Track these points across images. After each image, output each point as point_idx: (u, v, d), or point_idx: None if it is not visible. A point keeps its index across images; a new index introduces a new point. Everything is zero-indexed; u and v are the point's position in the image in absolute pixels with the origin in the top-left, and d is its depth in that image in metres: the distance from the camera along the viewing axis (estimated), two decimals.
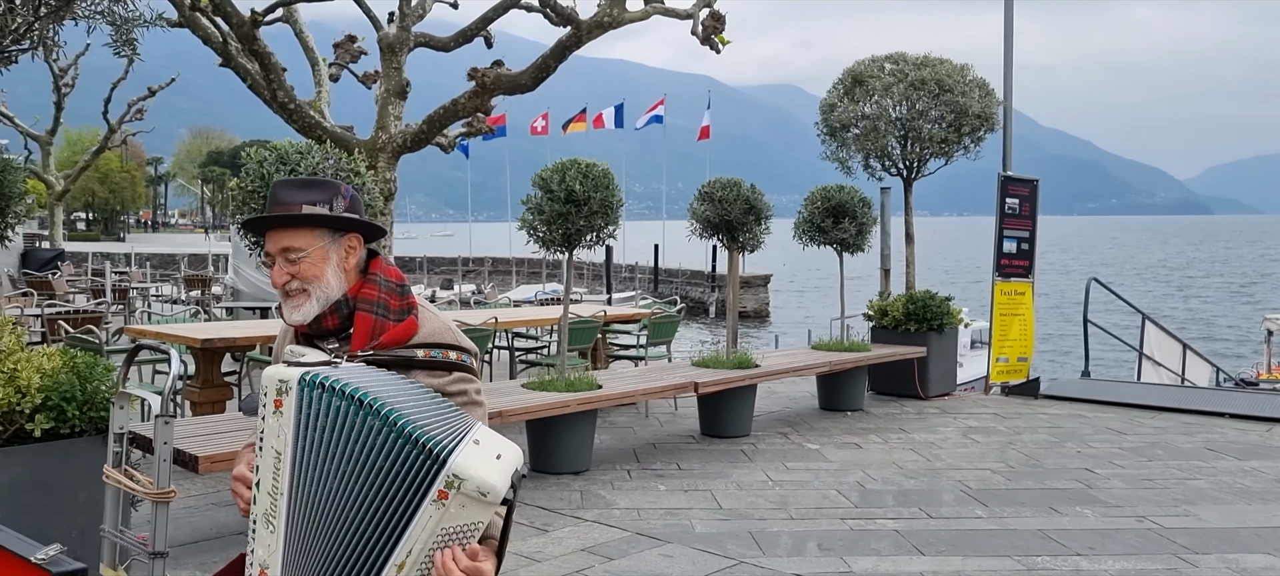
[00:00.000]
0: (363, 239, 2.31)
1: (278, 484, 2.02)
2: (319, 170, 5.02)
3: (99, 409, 4.22)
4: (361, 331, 2.24)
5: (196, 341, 6.61)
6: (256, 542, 2.05)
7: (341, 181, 5.01)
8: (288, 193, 2.21)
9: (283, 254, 2.20)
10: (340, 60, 14.90)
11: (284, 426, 2.00)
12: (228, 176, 58.88)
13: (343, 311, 2.25)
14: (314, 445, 1.97)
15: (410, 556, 1.91)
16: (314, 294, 2.22)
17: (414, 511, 1.90)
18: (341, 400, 1.94)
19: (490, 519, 1.96)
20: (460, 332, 2.35)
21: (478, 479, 1.88)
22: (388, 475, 1.91)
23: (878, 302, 9.96)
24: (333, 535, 1.97)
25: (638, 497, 6.02)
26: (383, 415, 1.91)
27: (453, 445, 1.90)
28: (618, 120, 47.00)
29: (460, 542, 1.92)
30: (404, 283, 2.36)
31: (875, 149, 10.15)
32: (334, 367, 2.06)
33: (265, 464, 2.04)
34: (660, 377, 7.46)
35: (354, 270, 2.28)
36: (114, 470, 2.83)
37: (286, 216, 2.18)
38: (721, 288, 38.76)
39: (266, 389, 2.04)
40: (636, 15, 10.76)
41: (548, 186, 6.44)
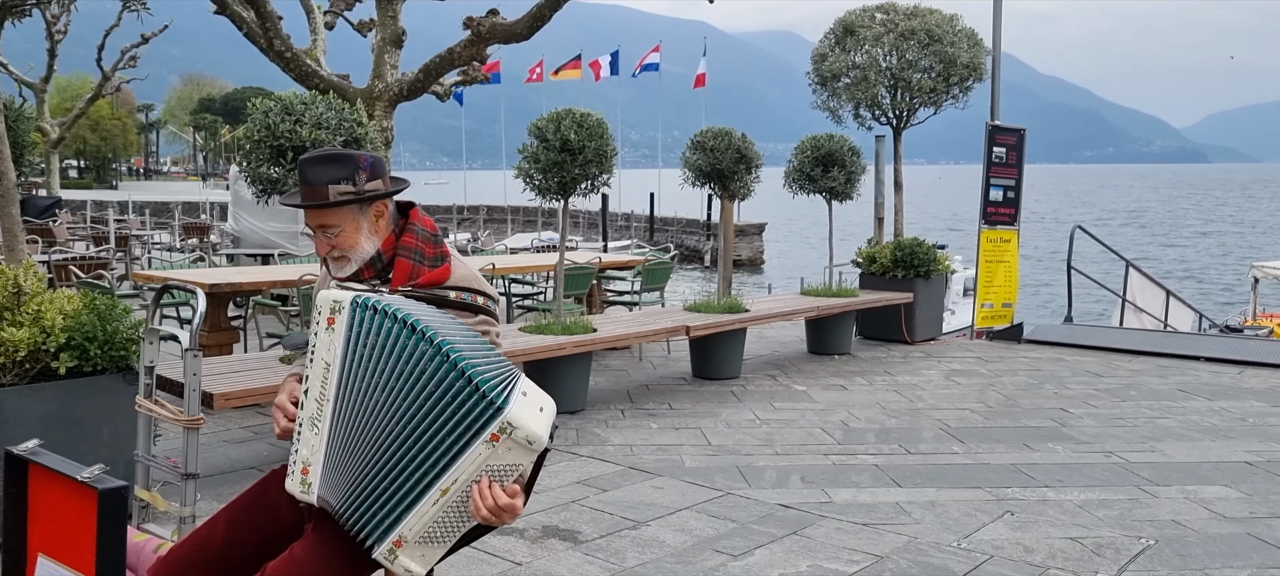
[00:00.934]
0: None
1: (325, 392, 2.25)
2: (323, 120, 5.21)
3: (118, 348, 4.45)
4: (401, 274, 2.52)
5: (205, 286, 6.82)
6: (301, 443, 2.29)
7: (359, 147, 5.22)
8: (314, 172, 2.47)
9: (320, 229, 2.49)
10: (335, 8, 14.95)
11: (335, 341, 2.23)
12: (220, 123, 58.65)
13: (378, 264, 2.52)
14: (363, 360, 2.20)
15: (455, 485, 2.15)
16: (352, 258, 2.50)
17: (466, 447, 2.13)
18: (392, 322, 2.18)
19: (528, 465, 2.21)
20: (486, 281, 2.63)
21: (528, 429, 2.12)
22: (442, 406, 2.14)
23: (867, 249, 10.19)
24: (377, 445, 2.20)
25: (631, 435, 6.30)
26: (435, 343, 2.14)
27: (507, 392, 2.14)
28: (613, 67, 46.81)
29: (501, 478, 2.18)
30: (438, 232, 2.63)
31: (865, 98, 10.32)
32: (380, 294, 2.31)
33: (314, 373, 2.28)
34: (653, 321, 7.72)
35: (386, 226, 2.55)
36: (145, 399, 3.08)
37: (318, 203, 2.46)
38: (717, 236, 39.00)
39: (320, 308, 2.27)
40: None
41: (543, 135, 6.63)
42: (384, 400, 2.19)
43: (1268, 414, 6.97)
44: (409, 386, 2.16)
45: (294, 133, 5.10)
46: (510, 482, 2.19)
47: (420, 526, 2.20)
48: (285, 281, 7.12)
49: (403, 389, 2.17)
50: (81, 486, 2.75)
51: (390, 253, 2.54)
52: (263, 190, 5.30)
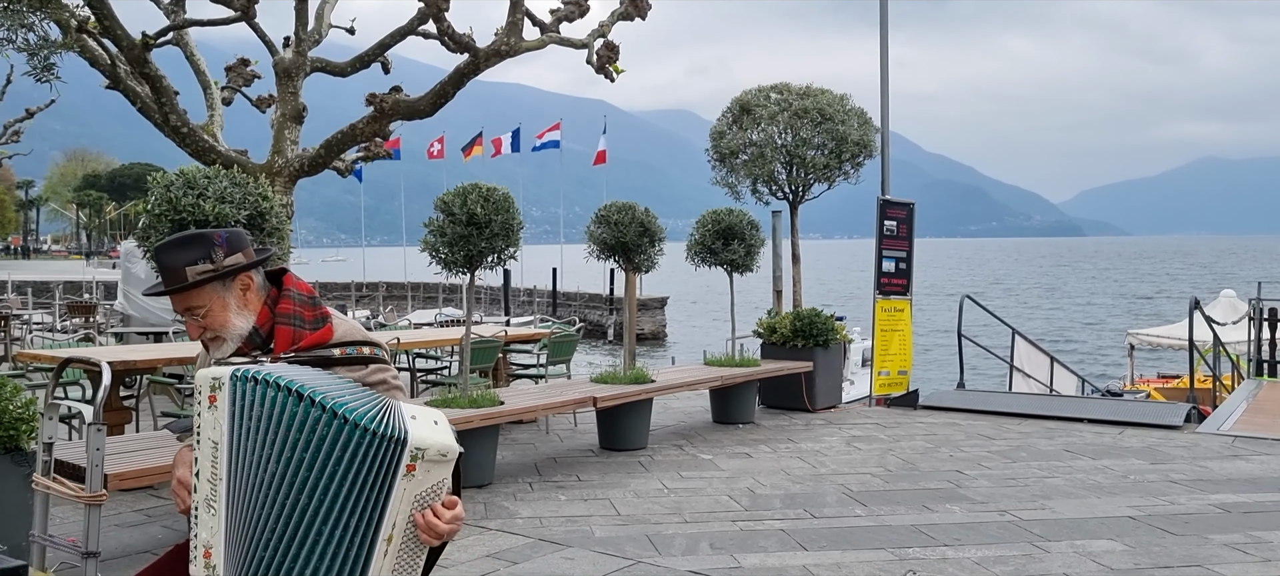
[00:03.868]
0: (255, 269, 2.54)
1: (216, 470, 2.23)
2: (227, 194, 5.16)
3: (6, 428, 4.29)
4: (282, 341, 2.49)
5: (97, 365, 6.60)
6: (199, 526, 2.26)
7: (263, 221, 5.17)
8: (170, 257, 2.44)
9: (187, 313, 2.47)
10: (233, 83, 14.79)
11: (219, 418, 2.21)
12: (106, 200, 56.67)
13: (257, 338, 2.49)
14: (251, 433, 2.19)
15: (395, 527, 2.19)
16: (226, 336, 2.46)
17: (390, 489, 2.17)
18: (276, 391, 2.17)
19: (449, 474, 2.26)
20: (368, 332, 2.64)
21: (437, 444, 2.18)
22: (350, 462, 2.15)
23: (767, 320, 10.43)
24: (287, 517, 2.18)
25: (539, 507, 6.28)
26: (323, 405, 2.15)
27: (401, 424, 2.18)
28: (514, 144, 47.05)
29: (433, 499, 2.22)
30: (314, 294, 2.62)
31: (762, 174, 10.66)
32: (259, 364, 2.31)
33: (203, 454, 2.26)
34: (560, 393, 7.74)
35: (256, 298, 2.51)
36: (44, 477, 2.99)
37: (178, 286, 2.43)
38: (619, 310, 39.20)
39: (199, 388, 2.25)
40: (533, 44, 11.08)
41: (450, 209, 6.67)
42: (280, 471, 2.17)
43: (1147, 471, 7.35)
44: (307, 453, 2.16)
45: (197, 207, 5.04)
46: (441, 499, 2.24)
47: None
48: (181, 359, 6.93)
49: (300, 456, 2.16)
50: None
51: (267, 324, 2.50)
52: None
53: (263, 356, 2.49)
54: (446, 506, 2.24)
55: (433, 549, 2.33)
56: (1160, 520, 5.93)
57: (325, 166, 12.75)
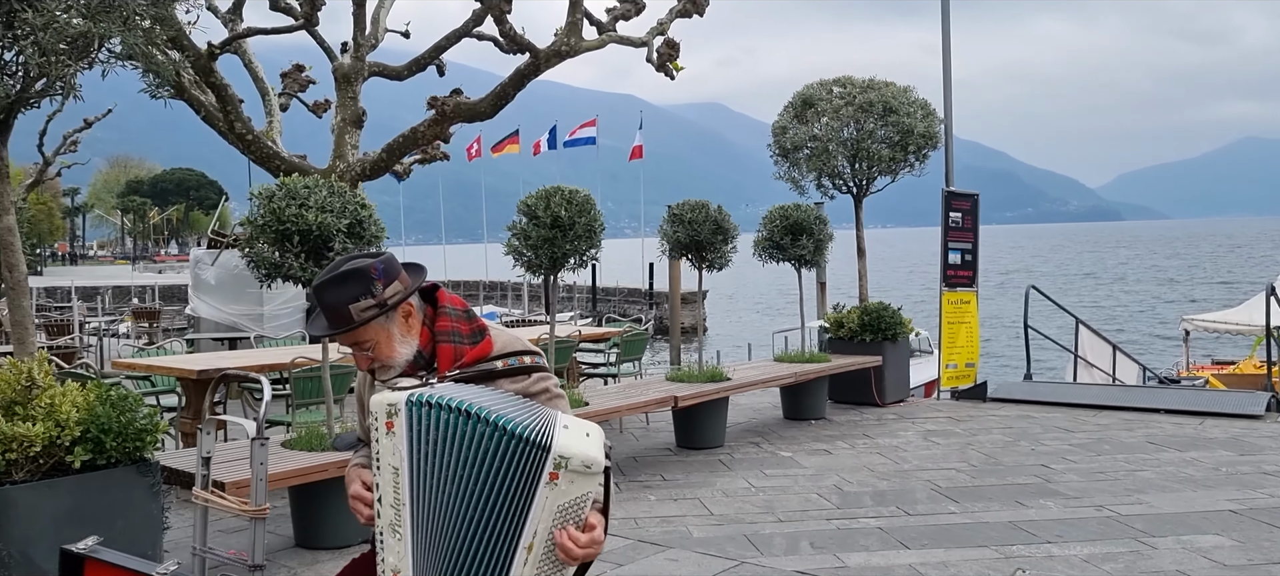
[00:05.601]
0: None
1: (399, 496, 2.26)
2: (327, 204, 5.22)
3: (133, 440, 4.37)
4: (445, 359, 2.49)
5: (192, 373, 6.73)
6: (386, 551, 2.30)
7: (361, 229, 5.22)
8: (331, 295, 2.41)
9: (356, 347, 2.47)
10: (289, 90, 14.95)
11: (398, 444, 2.24)
12: (149, 205, 57.34)
13: (421, 360, 2.50)
14: (428, 456, 2.22)
15: (536, 537, 2.19)
16: (393, 364, 2.46)
17: (532, 496, 2.17)
18: (447, 412, 2.20)
19: (596, 488, 2.23)
20: (527, 341, 2.65)
21: (581, 455, 2.17)
22: (503, 470, 2.18)
23: (834, 315, 10.39)
24: (458, 532, 2.23)
25: (631, 508, 6.30)
26: (487, 419, 2.18)
27: (551, 432, 2.19)
28: (551, 142, 47.18)
29: (576, 513, 2.21)
30: (469, 308, 2.63)
31: (826, 168, 10.61)
32: (431, 387, 2.32)
33: (384, 480, 2.28)
34: (641, 393, 7.76)
35: (417, 321, 2.51)
36: (202, 490, 3.04)
37: (346, 327, 2.41)
38: (658, 305, 39.19)
39: (376, 414, 2.28)
40: (593, 44, 11.10)
41: (533, 213, 6.71)
42: (455, 490, 2.21)
43: (1238, 462, 7.24)
44: (474, 467, 2.19)
45: (300, 217, 5.10)
46: (587, 513, 2.22)
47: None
48: (275, 364, 7.03)
49: (470, 471, 2.20)
50: None
51: (429, 344, 2.51)
52: (266, 275, 5.26)
53: (428, 375, 2.50)
54: (586, 530, 2.21)
55: (575, 571, 2.30)
56: (1264, 514, 5.85)
57: (386, 170, 12.86)
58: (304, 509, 5.49)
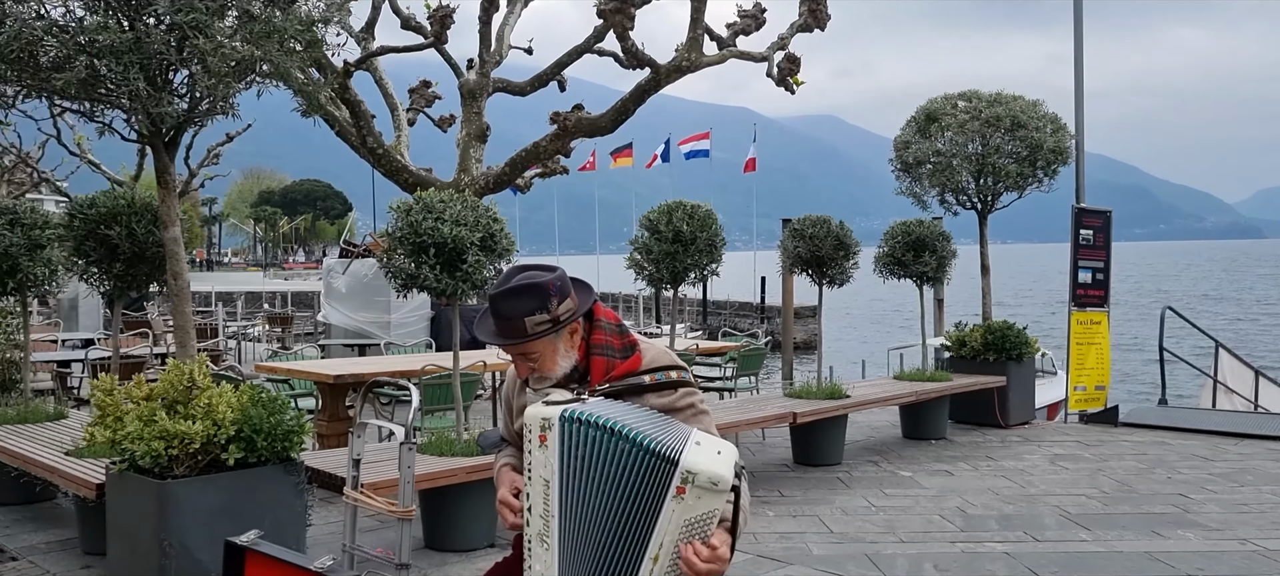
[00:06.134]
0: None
1: (548, 507, 2.35)
2: (462, 217, 5.41)
3: (282, 440, 4.61)
4: (597, 372, 2.58)
5: (329, 377, 7.04)
6: (533, 559, 2.39)
7: (494, 243, 5.39)
8: (507, 306, 2.51)
9: (521, 357, 2.57)
10: (416, 105, 15.47)
11: (549, 458, 2.33)
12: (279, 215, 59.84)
13: (575, 373, 2.59)
14: (576, 471, 2.31)
15: (662, 549, 2.25)
16: (552, 376, 2.56)
17: (659, 509, 2.24)
18: (594, 429, 2.28)
19: (722, 505, 2.27)
20: (675, 356, 2.71)
21: (708, 471, 2.21)
22: (635, 483, 2.25)
23: (956, 333, 10.18)
24: (596, 543, 2.31)
25: (750, 523, 6.30)
26: (625, 435, 2.26)
27: (681, 448, 2.25)
28: (665, 155, 47.40)
29: (702, 529, 2.25)
30: (622, 323, 2.71)
31: (949, 184, 10.41)
32: (582, 403, 2.40)
33: (535, 490, 2.38)
34: (759, 409, 7.76)
35: (579, 337, 2.60)
36: (353, 492, 3.20)
37: (518, 339, 2.51)
38: (770, 319, 38.89)
39: (530, 426, 2.38)
40: (713, 59, 11.17)
41: (655, 227, 6.81)
42: (597, 503, 2.29)
43: None
44: (611, 481, 2.27)
45: (436, 230, 5.30)
46: (713, 531, 2.25)
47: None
48: (407, 371, 7.29)
49: (607, 486, 2.27)
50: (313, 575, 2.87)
51: (584, 356, 2.59)
52: (402, 285, 5.49)
53: (579, 387, 2.58)
54: (709, 547, 2.24)
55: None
56: None
57: (509, 184, 13.21)
58: (434, 511, 5.67)
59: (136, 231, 5.68)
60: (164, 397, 4.53)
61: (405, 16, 12.96)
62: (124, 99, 4.51)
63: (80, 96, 4.25)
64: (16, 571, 5.37)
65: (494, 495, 2.84)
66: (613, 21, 10.43)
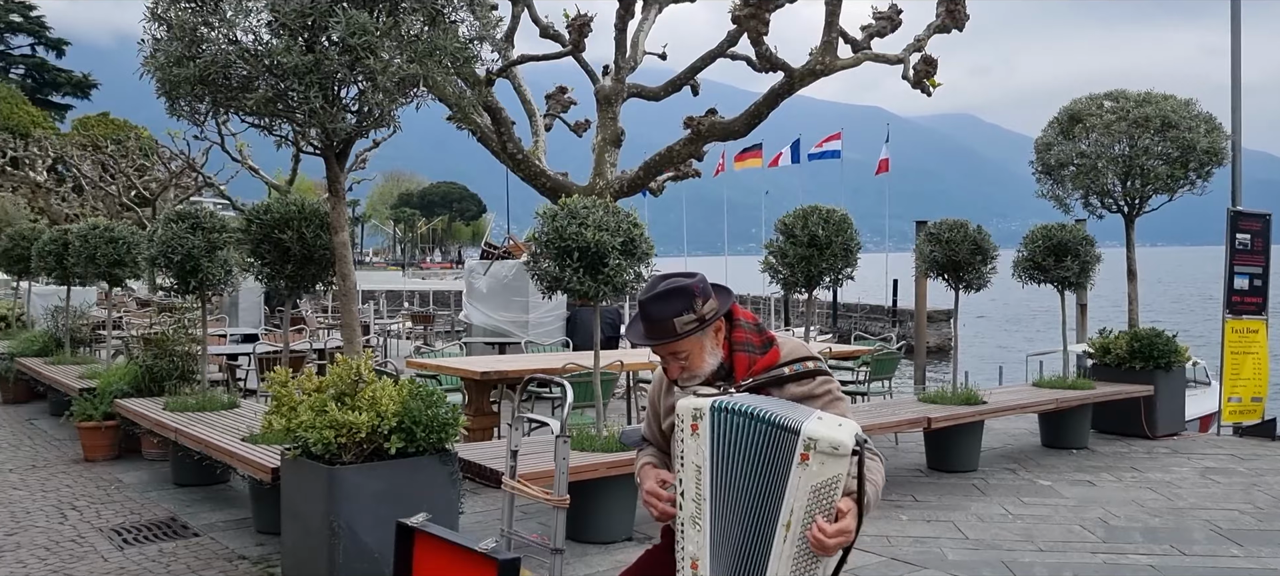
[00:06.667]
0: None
1: (700, 491, 2.55)
2: (604, 223, 5.63)
3: (438, 431, 4.92)
4: (741, 368, 2.80)
5: (475, 374, 7.40)
6: (685, 540, 2.58)
7: (634, 248, 5.60)
8: (657, 309, 2.74)
9: (671, 356, 2.78)
10: (552, 110, 15.91)
11: (701, 444, 2.54)
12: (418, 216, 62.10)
13: (721, 370, 2.80)
14: (725, 456, 2.52)
15: (793, 514, 2.43)
16: (699, 374, 2.78)
17: (786, 477, 2.43)
18: (739, 416, 2.50)
19: (845, 473, 2.43)
20: (810, 348, 2.89)
21: (828, 437, 2.40)
22: (766, 457, 2.46)
23: (1100, 339, 9.89)
24: (739, 519, 2.51)
25: (882, 526, 6.34)
26: (760, 417, 2.47)
27: (804, 420, 2.44)
28: (794, 155, 47.03)
29: (828, 495, 2.43)
30: (758, 322, 2.91)
31: (1094, 187, 10.12)
32: (729, 396, 2.61)
33: (687, 475, 2.57)
34: (892, 413, 7.76)
35: (723, 336, 2.82)
36: (511, 481, 3.44)
37: (668, 338, 2.73)
38: (902, 323, 38.15)
39: (682, 417, 2.58)
40: (848, 62, 11.14)
41: (791, 231, 6.90)
42: (740, 483, 2.50)
43: None
44: (749, 460, 2.48)
45: (579, 235, 5.54)
46: (838, 497, 2.43)
47: (785, 567, 2.45)
48: (548, 369, 7.58)
49: (746, 464, 2.48)
50: (479, 557, 3.12)
51: (728, 354, 2.81)
52: (547, 287, 5.75)
53: (725, 384, 2.78)
54: (837, 515, 2.42)
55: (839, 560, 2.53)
56: None
57: (642, 187, 13.46)
58: (574, 503, 5.86)
59: (306, 235, 6.15)
60: (333, 390, 4.89)
61: (544, 25, 13.35)
62: (299, 114, 4.90)
63: (263, 113, 4.66)
64: (199, 546, 5.87)
65: (633, 489, 3.03)
66: (747, 26, 10.54)
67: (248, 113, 4.70)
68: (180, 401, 7.25)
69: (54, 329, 11.30)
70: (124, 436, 8.14)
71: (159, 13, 4.49)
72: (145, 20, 4.55)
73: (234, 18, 4.35)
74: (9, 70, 73.82)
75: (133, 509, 6.71)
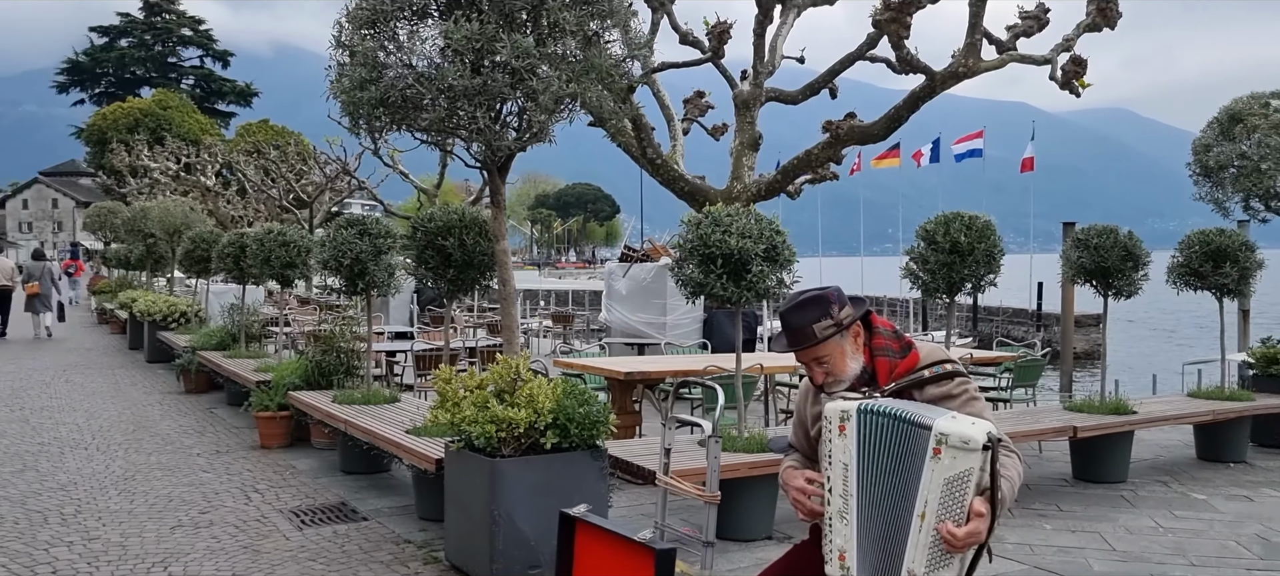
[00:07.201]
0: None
1: (847, 487, 2.74)
2: (747, 230, 5.81)
3: (590, 428, 5.21)
4: (883, 372, 2.97)
5: (619, 374, 7.70)
6: (833, 534, 2.76)
7: (777, 254, 5.78)
8: (796, 318, 2.95)
9: (814, 362, 2.97)
10: (690, 115, 16.16)
11: (848, 444, 2.73)
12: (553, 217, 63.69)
13: (864, 376, 2.98)
14: (871, 455, 2.70)
15: (927, 506, 2.58)
16: (844, 379, 2.96)
17: (920, 471, 2.59)
18: (884, 417, 2.68)
19: (977, 468, 2.55)
20: (947, 351, 3.03)
21: (958, 432, 2.54)
22: (903, 453, 2.62)
23: (1263, 349, 9.47)
24: (882, 513, 2.68)
25: (1026, 534, 6.31)
26: (899, 416, 2.64)
27: (935, 417, 2.59)
28: (933, 155, 45.94)
29: (960, 489, 2.56)
30: (896, 329, 3.08)
31: (1257, 189, 9.70)
32: (874, 399, 2.79)
33: (835, 474, 2.76)
34: (1036, 421, 7.67)
35: (862, 341, 3.00)
36: (665, 477, 3.67)
37: (808, 343, 2.92)
38: (1047, 328, 36.82)
39: (830, 419, 2.77)
40: (992, 64, 10.99)
41: (932, 238, 6.92)
42: (882, 479, 2.67)
43: None
44: (890, 457, 2.65)
45: (723, 242, 5.75)
46: (970, 492, 2.55)
47: (921, 555, 2.60)
48: (689, 370, 7.83)
49: (888, 462, 2.65)
50: (638, 546, 3.36)
51: (869, 359, 2.98)
52: (692, 293, 5.97)
53: (869, 388, 2.95)
54: (971, 515, 2.54)
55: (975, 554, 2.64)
56: None
57: (779, 191, 13.56)
58: None
59: (466, 242, 6.55)
60: (493, 387, 5.24)
61: (683, 32, 13.61)
62: (463, 131, 5.27)
63: (434, 130, 5.05)
64: (368, 529, 6.34)
65: (773, 489, 3.18)
66: (887, 30, 10.54)
67: (420, 130, 5.11)
68: (347, 395, 7.79)
69: (230, 325, 12.20)
70: (296, 425, 8.78)
71: (343, 41, 4.94)
72: (331, 47, 5.00)
73: (409, 44, 4.75)
74: (181, 81, 79.03)
75: (307, 493, 7.27)
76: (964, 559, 2.64)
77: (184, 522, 6.44)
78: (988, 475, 2.58)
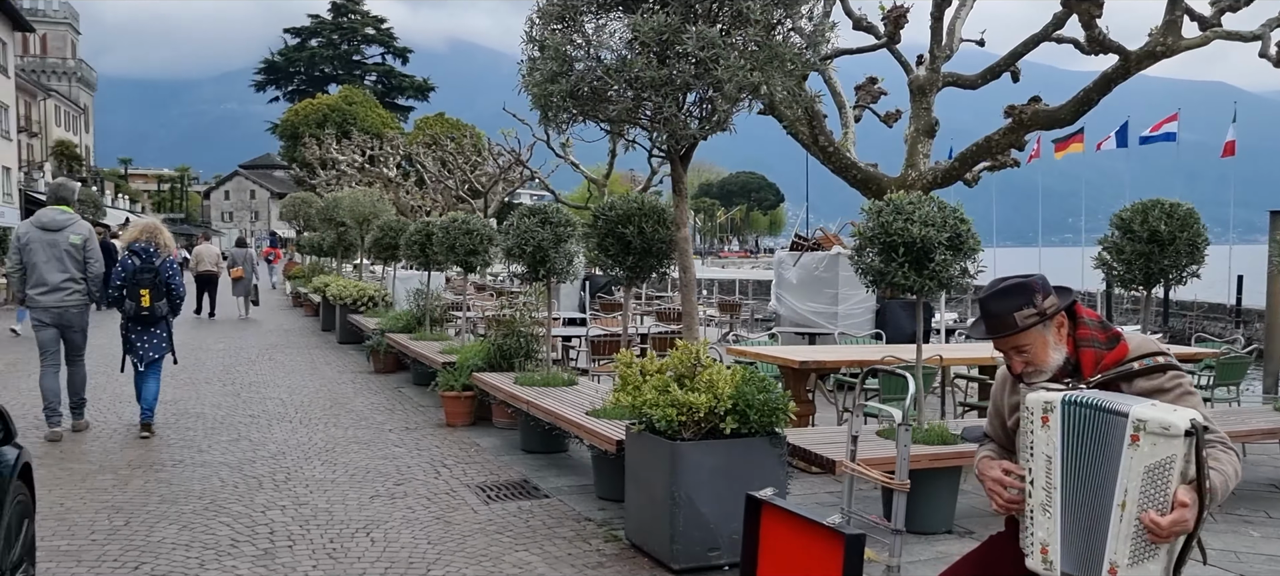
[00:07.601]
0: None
1: (1050, 480, 2.67)
2: (930, 218, 5.69)
3: (769, 415, 5.24)
4: (1088, 364, 2.88)
5: (793, 362, 7.69)
6: (1035, 526, 2.71)
7: (961, 242, 5.65)
8: (997, 305, 2.87)
9: (1014, 351, 2.90)
10: (862, 101, 15.88)
11: (1052, 436, 2.67)
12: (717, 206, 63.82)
13: (1067, 367, 2.88)
14: (1075, 446, 2.63)
15: (1127, 494, 2.51)
16: (1045, 369, 2.88)
17: (1118, 458, 2.51)
18: (1088, 409, 2.60)
19: (1180, 455, 2.44)
20: (1160, 343, 2.90)
21: (1157, 419, 2.45)
22: (1102, 441, 2.55)
23: None
24: (1084, 503, 2.61)
25: (1231, 541, 5.95)
26: (1100, 406, 2.57)
27: (1134, 405, 2.51)
28: (1120, 139, 43.39)
29: (1161, 477, 2.47)
30: (1103, 320, 2.96)
31: None
32: (1078, 391, 2.70)
33: (1037, 465, 2.70)
34: (1241, 422, 7.18)
35: (1066, 332, 2.90)
36: (850, 464, 3.67)
37: (1009, 331, 2.85)
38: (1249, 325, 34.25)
39: (1032, 410, 2.71)
40: (1194, 42, 10.33)
41: (1129, 227, 6.59)
42: (1086, 471, 2.59)
43: None
44: (1091, 447, 2.57)
45: (905, 230, 5.66)
46: (1174, 481, 2.44)
47: (1124, 546, 2.52)
48: (864, 360, 7.73)
49: (1089, 452, 2.58)
50: (827, 531, 3.38)
51: (1073, 351, 2.88)
52: (872, 282, 5.91)
53: (1072, 380, 2.86)
54: (1175, 504, 2.43)
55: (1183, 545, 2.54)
56: None
57: (957, 178, 13.17)
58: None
59: (645, 230, 6.69)
60: (673, 371, 5.34)
61: (856, 17, 13.39)
62: (644, 120, 5.39)
63: (621, 121, 5.19)
64: (550, 506, 6.58)
65: (955, 482, 3.07)
66: (1077, 9, 10.06)
67: (606, 121, 5.26)
68: (527, 377, 8.09)
69: (415, 309, 12.84)
70: (479, 405, 9.18)
71: (534, 36, 5.15)
72: (523, 42, 5.22)
73: (596, 38, 4.90)
74: (364, 77, 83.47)
75: (491, 470, 7.61)
76: (1171, 550, 2.54)
77: (381, 493, 6.86)
78: (1193, 464, 2.48)
